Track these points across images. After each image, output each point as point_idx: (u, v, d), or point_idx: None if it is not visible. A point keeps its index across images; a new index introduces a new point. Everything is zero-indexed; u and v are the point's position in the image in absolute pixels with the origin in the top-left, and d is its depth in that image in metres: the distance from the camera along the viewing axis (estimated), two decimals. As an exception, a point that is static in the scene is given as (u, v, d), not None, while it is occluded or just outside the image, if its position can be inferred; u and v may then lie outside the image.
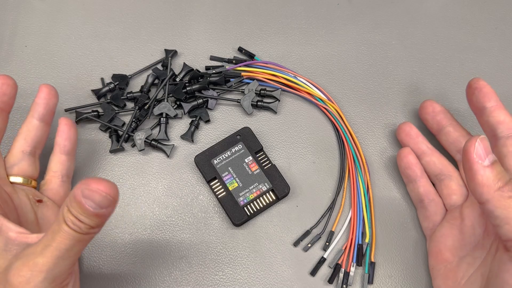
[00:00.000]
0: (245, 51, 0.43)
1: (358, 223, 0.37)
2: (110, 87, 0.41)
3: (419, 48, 0.45)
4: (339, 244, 0.37)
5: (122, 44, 0.44)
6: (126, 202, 0.38)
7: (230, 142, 0.38)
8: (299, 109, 0.42)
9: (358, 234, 0.36)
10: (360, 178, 0.38)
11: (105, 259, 0.36)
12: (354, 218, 0.37)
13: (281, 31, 0.45)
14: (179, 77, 0.42)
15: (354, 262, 0.36)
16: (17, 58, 0.43)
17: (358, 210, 0.37)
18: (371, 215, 0.37)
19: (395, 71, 0.44)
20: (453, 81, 0.43)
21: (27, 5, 0.45)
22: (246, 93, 0.41)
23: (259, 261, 0.36)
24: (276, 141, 0.40)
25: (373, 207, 0.38)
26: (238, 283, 0.35)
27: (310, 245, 0.36)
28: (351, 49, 0.45)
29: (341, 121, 0.40)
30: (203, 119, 0.40)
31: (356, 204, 0.37)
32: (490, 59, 0.44)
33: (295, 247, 0.37)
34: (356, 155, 0.39)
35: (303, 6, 0.46)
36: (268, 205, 0.37)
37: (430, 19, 0.46)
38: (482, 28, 0.46)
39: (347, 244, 0.36)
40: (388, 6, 0.47)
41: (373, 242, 0.37)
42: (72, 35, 0.44)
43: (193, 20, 0.45)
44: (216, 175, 0.37)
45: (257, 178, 0.37)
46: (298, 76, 0.42)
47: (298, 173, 0.39)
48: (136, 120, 0.40)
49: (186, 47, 0.44)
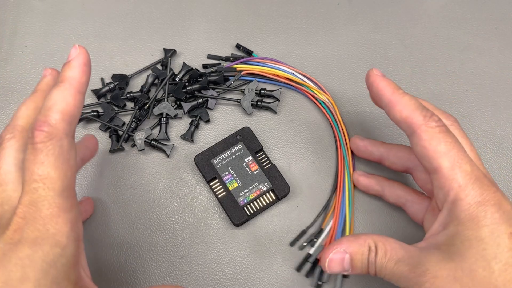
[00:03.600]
0: (242, 48, 0.43)
1: (339, 221, 0.37)
2: (110, 87, 0.41)
3: (419, 48, 0.45)
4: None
5: (122, 44, 0.44)
6: (126, 202, 0.38)
7: (230, 142, 0.38)
8: (299, 109, 0.42)
9: (339, 231, 0.36)
10: (347, 177, 0.38)
11: (105, 259, 0.36)
12: (337, 215, 0.37)
13: (281, 31, 0.45)
14: (178, 77, 0.42)
15: None
16: (17, 58, 0.43)
17: (341, 208, 0.37)
18: (352, 213, 0.37)
19: (395, 71, 0.44)
20: (453, 81, 0.43)
21: (27, 5, 0.45)
22: (246, 93, 0.41)
23: (259, 261, 0.36)
24: (276, 141, 0.40)
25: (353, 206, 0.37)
26: (238, 283, 0.35)
27: (306, 243, 0.36)
28: (351, 49, 0.45)
29: (336, 117, 0.40)
30: (203, 119, 0.40)
31: (340, 202, 0.37)
32: (490, 59, 0.44)
33: (293, 247, 0.37)
34: (347, 155, 0.39)
35: (303, 6, 0.46)
36: (268, 205, 0.37)
37: (430, 19, 0.46)
38: (482, 28, 0.46)
39: (327, 240, 0.36)
40: (388, 6, 0.47)
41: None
42: (72, 35, 0.44)
43: (193, 20, 0.45)
44: (216, 175, 0.37)
45: (257, 178, 0.37)
46: (296, 71, 0.42)
47: (298, 173, 0.39)
48: (136, 120, 0.40)
49: (186, 47, 0.44)
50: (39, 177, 0.23)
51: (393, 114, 0.30)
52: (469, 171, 0.27)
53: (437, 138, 0.28)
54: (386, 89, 0.30)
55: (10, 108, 0.41)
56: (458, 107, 0.42)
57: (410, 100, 0.29)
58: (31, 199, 0.23)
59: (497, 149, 0.41)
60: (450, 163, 0.27)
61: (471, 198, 0.27)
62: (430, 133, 0.28)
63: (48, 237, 0.23)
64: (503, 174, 0.40)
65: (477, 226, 0.26)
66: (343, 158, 0.39)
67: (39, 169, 0.23)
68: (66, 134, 0.24)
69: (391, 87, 0.30)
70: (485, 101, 0.42)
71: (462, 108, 0.42)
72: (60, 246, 0.23)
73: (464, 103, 0.42)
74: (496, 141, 0.41)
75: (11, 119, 0.28)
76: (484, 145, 0.41)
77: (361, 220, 0.37)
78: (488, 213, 0.26)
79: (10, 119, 0.28)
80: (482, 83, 0.43)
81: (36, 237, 0.23)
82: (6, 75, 0.42)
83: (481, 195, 0.27)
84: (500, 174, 0.40)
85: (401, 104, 0.29)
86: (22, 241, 0.23)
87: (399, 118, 0.29)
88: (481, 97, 0.43)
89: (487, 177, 0.28)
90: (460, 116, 0.42)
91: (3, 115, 0.40)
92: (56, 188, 0.24)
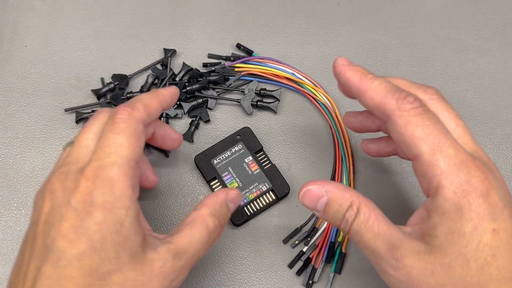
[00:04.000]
0: (243, 47, 0.43)
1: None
2: (110, 87, 0.41)
3: (419, 48, 0.45)
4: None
5: (122, 44, 0.44)
6: (126, 202, 0.38)
7: (230, 142, 0.38)
8: (299, 109, 0.42)
9: (333, 231, 0.36)
10: (345, 177, 0.38)
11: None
12: None
13: (281, 31, 0.45)
14: (178, 77, 0.42)
15: (324, 260, 0.35)
16: (17, 58, 0.43)
17: None
18: None
19: (395, 71, 0.44)
20: (453, 81, 0.43)
21: (27, 5, 0.45)
22: (246, 93, 0.41)
23: (259, 261, 0.36)
24: (276, 141, 0.40)
25: None
26: (238, 283, 0.35)
27: (298, 241, 0.36)
28: (351, 49, 0.45)
29: (336, 118, 0.40)
30: (203, 119, 0.40)
31: None
32: (490, 59, 0.44)
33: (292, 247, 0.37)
34: (345, 156, 0.39)
35: (303, 6, 0.46)
36: (268, 205, 0.37)
37: (430, 19, 0.46)
38: (482, 28, 0.46)
39: (321, 240, 0.36)
40: (388, 6, 0.47)
41: (346, 238, 0.36)
42: (72, 35, 0.44)
43: (193, 20, 0.45)
44: (216, 175, 0.37)
45: (257, 178, 0.37)
46: (296, 72, 0.42)
47: (298, 173, 0.39)
48: (136, 120, 0.40)
49: (186, 47, 0.44)
50: (113, 144, 0.27)
51: (365, 102, 0.28)
52: (452, 155, 0.25)
53: (413, 122, 0.26)
54: (353, 77, 0.28)
55: (10, 108, 0.41)
56: (458, 107, 0.42)
57: (381, 84, 0.27)
58: (102, 163, 0.26)
59: (497, 149, 0.41)
60: (430, 148, 0.25)
61: (456, 185, 0.25)
62: (405, 117, 0.26)
63: (115, 200, 0.25)
64: (503, 174, 0.39)
65: (461, 220, 0.24)
66: (340, 159, 0.39)
67: (115, 138, 0.27)
68: (142, 121, 0.29)
69: (359, 74, 0.28)
70: (485, 101, 0.42)
71: (462, 108, 0.42)
72: (125, 208, 0.26)
73: (464, 103, 0.42)
74: (496, 141, 0.41)
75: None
76: (484, 145, 0.41)
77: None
78: (473, 205, 0.24)
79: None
80: (482, 83, 0.43)
81: (105, 200, 0.25)
82: (6, 75, 0.42)
83: (467, 183, 0.24)
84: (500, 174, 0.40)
85: (370, 90, 0.27)
86: (94, 205, 0.25)
87: (371, 105, 0.28)
88: (481, 97, 0.43)
89: (476, 159, 0.25)
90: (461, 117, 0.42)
91: (3, 115, 0.40)
92: (124, 156, 0.26)
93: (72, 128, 0.40)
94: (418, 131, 0.25)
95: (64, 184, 0.26)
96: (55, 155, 0.39)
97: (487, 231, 0.24)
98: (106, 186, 0.25)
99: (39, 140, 0.40)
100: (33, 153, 0.39)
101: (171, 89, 0.33)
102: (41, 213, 0.26)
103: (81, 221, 0.25)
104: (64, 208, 0.25)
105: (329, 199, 0.27)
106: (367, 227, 0.26)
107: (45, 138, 0.40)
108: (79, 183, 0.25)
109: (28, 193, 0.38)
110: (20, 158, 0.39)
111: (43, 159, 0.39)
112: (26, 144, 0.39)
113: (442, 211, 0.25)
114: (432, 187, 0.25)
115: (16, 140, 0.39)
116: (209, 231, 0.28)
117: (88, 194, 0.25)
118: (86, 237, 0.24)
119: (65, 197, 0.25)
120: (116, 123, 0.27)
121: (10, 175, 0.38)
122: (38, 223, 0.26)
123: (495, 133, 0.41)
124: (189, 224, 0.28)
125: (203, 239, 0.28)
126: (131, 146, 0.27)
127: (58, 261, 0.24)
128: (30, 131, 0.40)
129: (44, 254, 0.24)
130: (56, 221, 0.25)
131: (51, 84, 0.42)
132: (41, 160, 0.39)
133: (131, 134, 0.27)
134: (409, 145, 0.26)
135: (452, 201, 0.25)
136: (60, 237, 0.24)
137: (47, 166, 0.39)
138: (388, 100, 0.27)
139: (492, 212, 0.24)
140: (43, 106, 0.41)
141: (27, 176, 0.38)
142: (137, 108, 0.28)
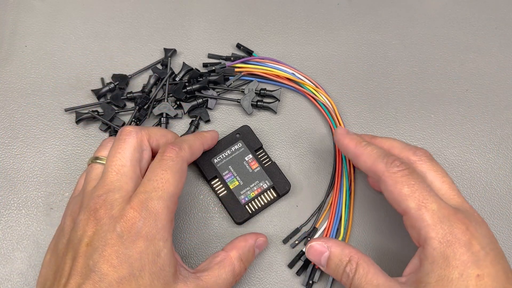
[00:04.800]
0: (243, 47, 0.43)
1: (335, 222, 0.37)
2: (110, 87, 0.41)
3: (419, 48, 0.45)
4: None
5: (122, 44, 0.44)
6: (126, 201, 0.38)
7: (229, 140, 0.38)
8: (299, 109, 0.42)
9: (333, 232, 0.36)
10: (345, 178, 0.38)
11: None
12: (332, 216, 0.37)
13: (281, 31, 0.45)
14: (178, 77, 0.42)
15: None
16: (17, 58, 0.43)
17: (337, 209, 0.37)
18: (349, 215, 0.37)
19: (395, 71, 0.44)
20: (453, 81, 0.43)
21: (27, 5, 0.45)
22: (246, 93, 0.41)
23: (259, 261, 0.36)
24: (276, 141, 0.40)
25: (352, 207, 0.37)
26: (238, 283, 0.35)
27: (298, 241, 0.36)
28: (351, 49, 0.45)
29: (336, 119, 0.40)
30: (203, 119, 0.40)
31: (336, 202, 0.37)
32: (490, 59, 0.44)
33: (292, 247, 0.36)
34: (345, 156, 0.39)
35: (303, 6, 0.46)
36: (269, 202, 0.37)
37: (430, 19, 0.46)
38: (482, 28, 0.46)
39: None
40: (388, 6, 0.47)
41: (347, 239, 0.36)
42: (72, 35, 0.44)
43: (193, 20, 0.45)
44: (217, 174, 0.37)
45: (257, 176, 0.37)
46: (296, 72, 0.42)
47: (298, 173, 0.39)
48: (136, 120, 0.40)
49: (186, 47, 0.44)
50: (160, 179, 0.29)
51: (360, 165, 0.32)
52: (436, 210, 0.28)
53: (400, 182, 0.29)
54: (350, 144, 0.33)
55: (10, 108, 0.41)
56: (458, 107, 0.42)
57: (372, 150, 0.32)
58: (149, 196, 0.28)
59: (497, 149, 0.41)
60: (416, 204, 0.29)
61: (441, 236, 0.28)
62: (393, 178, 0.30)
63: (157, 232, 0.28)
64: (503, 174, 0.40)
65: (448, 267, 0.27)
66: (340, 159, 0.39)
67: (163, 174, 0.29)
68: (187, 160, 0.32)
69: (354, 141, 0.33)
70: (485, 101, 0.43)
71: (462, 108, 0.42)
72: (163, 240, 0.28)
73: (464, 103, 0.42)
74: (496, 141, 0.41)
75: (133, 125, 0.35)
76: (483, 145, 0.41)
77: (360, 220, 0.37)
78: (457, 254, 0.27)
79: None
80: (482, 83, 0.43)
81: (148, 232, 0.27)
82: (6, 75, 0.42)
83: (451, 234, 0.28)
84: (500, 174, 0.40)
85: (364, 155, 0.32)
86: (139, 236, 0.27)
87: (364, 167, 0.32)
88: (481, 97, 0.43)
89: (459, 212, 0.29)
90: (460, 116, 0.42)
91: (3, 115, 0.40)
92: (169, 192, 0.29)
93: (72, 128, 0.40)
94: (405, 189, 0.29)
95: (111, 212, 0.28)
96: (55, 155, 0.39)
97: (472, 276, 0.27)
98: (151, 218, 0.28)
99: (39, 140, 0.39)
100: (33, 153, 0.39)
101: (212, 132, 0.37)
102: (84, 235, 0.28)
103: (124, 248, 0.27)
104: (109, 234, 0.27)
105: (330, 255, 0.31)
106: (367, 281, 0.29)
107: (45, 138, 0.40)
108: (126, 212, 0.28)
109: (28, 193, 0.38)
110: (20, 158, 0.39)
111: (43, 159, 0.39)
112: (26, 144, 0.39)
113: (431, 259, 0.28)
114: (421, 238, 0.29)
115: (16, 140, 0.39)
116: (234, 274, 0.31)
117: (134, 224, 0.27)
118: (127, 263, 0.26)
119: (111, 224, 0.27)
120: (165, 160, 0.30)
121: (10, 175, 0.38)
122: (81, 244, 0.27)
123: (495, 133, 0.41)
124: (218, 264, 0.31)
125: (228, 280, 0.31)
126: (176, 182, 0.29)
127: (99, 282, 0.26)
128: (30, 131, 0.40)
129: (86, 273, 0.26)
130: (100, 245, 0.27)
131: (51, 84, 0.42)
132: (41, 160, 0.39)
133: (177, 171, 0.30)
134: (398, 201, 0.29)
135: (439, 250, 0.28)
136: (102, 261, 0.26)
137: (47, 166, 0.39)
138: (378, 164, 0.31)
139: (476, 260, 0.27)
140: (43, 106, 0.41)
141: (27, 176, 0.38)
142: (184, 148, 0.31)
